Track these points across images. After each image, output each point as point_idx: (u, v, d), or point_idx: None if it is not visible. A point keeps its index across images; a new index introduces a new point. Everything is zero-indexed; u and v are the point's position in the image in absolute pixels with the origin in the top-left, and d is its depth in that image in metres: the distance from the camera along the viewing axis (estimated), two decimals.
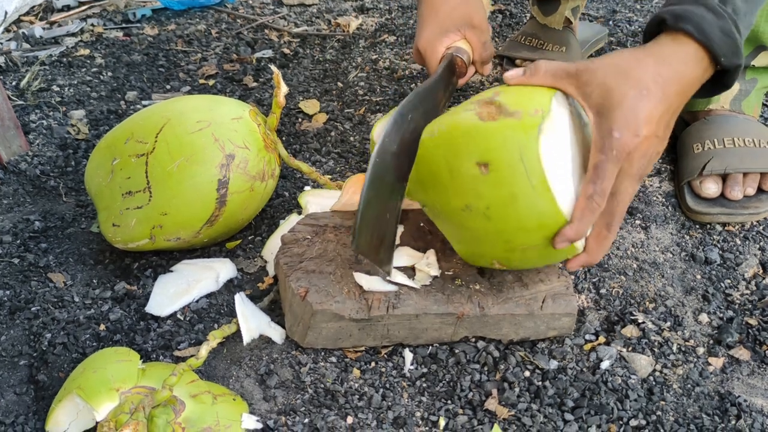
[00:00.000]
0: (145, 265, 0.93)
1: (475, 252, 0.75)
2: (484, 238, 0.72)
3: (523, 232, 0.69)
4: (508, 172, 0.67)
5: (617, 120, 0.68)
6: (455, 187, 0.70)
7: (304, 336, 0.78)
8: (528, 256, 0.73)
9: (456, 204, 0.71)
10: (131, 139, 0.88)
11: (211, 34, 1.57)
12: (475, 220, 0.70)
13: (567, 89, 0.72)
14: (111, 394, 0.70)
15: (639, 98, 0.68)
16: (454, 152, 0.70)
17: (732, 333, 0.82)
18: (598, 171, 0.68)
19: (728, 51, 0.71)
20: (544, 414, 0.73)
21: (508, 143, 0.67)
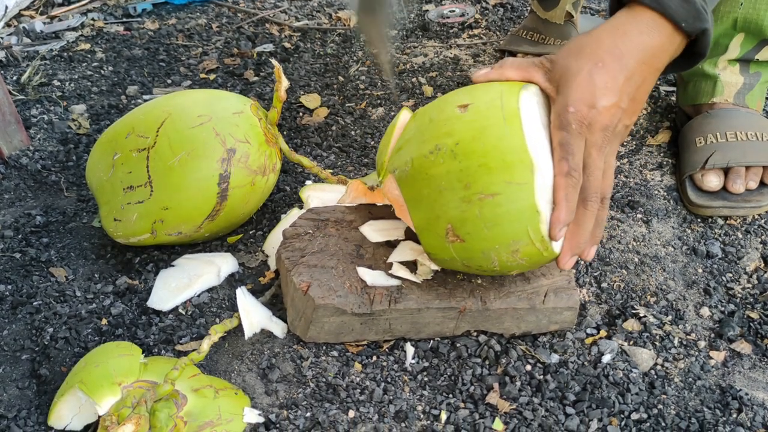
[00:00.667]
0: (146, 259, 0.93)
1: (431, 217, 0.70)
2: (445, 186, 0.68)
3: (484, 170, 0.67)
4: (484, 107, 0.70)
5: (571, 94, 0.68)
6: (431, 130, 0.71)
7: (306, 330, 0.79)
8: (484, 216, 0.67)
9: (425, 149, 0.70)
10: (132, 133, 0.88)
11: (211, 29, 1.56)
12: (440, 163, 0.69)
13: (534, 77, 0.73)
14: (113, 388, 0.70)
15: (594, 71, 0.69)
16: (438, 106, 0.73)
17: (733, 327, 0.82)
18: (565, 147, 0.68)
19: (687, 15, 0.70)
20: (545, 408, 0.73)
21: (492, 90, 0.72)
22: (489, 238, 0.69)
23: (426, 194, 0.70)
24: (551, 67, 0.72)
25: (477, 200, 0.67)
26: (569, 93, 0.69)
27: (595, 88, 0.68)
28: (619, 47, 0.69)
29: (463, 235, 0.69)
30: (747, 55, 1.04)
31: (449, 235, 0.70)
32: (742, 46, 1.03)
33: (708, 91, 1.05)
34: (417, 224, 0.72)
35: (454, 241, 0.70)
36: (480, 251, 0.70)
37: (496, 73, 0.74)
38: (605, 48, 0.70)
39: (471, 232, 0.69)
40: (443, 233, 0.70)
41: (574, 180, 0.68)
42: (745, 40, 1.03)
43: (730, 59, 1.04)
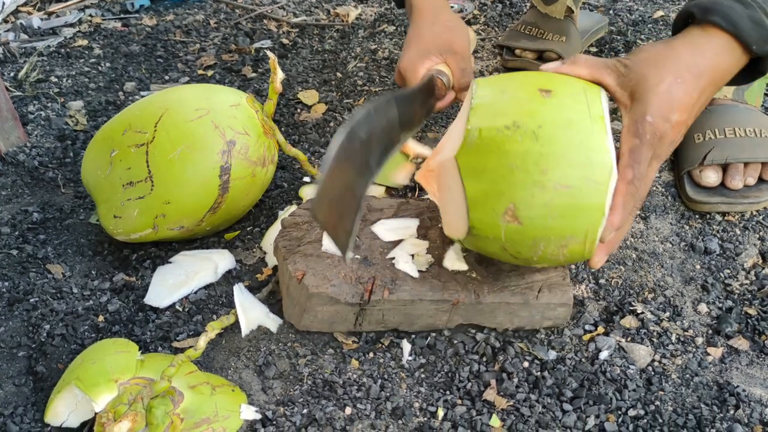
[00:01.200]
0: (143, 256, 0.93)
1: (492, 191, 0.68)
2: (519, 165, 0.66)
3: (565, 162, 0.66)
4: (570, 99, 0.69)
5: (651, 104, 0.69)
6: (507, 104, 0.69)
7: (300, 318, 0.79)
8: (553, 205, 0.66)
9: (500, 122, 0.68)
10: (129, 129, 0.88)
11: (209, 25, 1.56)
12: (517, 141, 0.67)
13: (605, 79, 0.73)
14: (109, 385, 0.70)
15: (674, 85, 0.70)
16: (514, 82, 0.72)
17: (731, 323, 0.82)
18: (634, 155, 0.69)
19: (759, 39, 0.72)
20: (542, 404, 0.73)
21: (572, 83, 0.71)
22: (548, 227, 0.68)
23: (492, 167, 0.67)
24: (625, 72, 0.72)
25: (551, 187, 0.66)
26: (649, 103, 0.69)
27: (673, 102, 0.69)
28: (698, 66, 0.71)
29: (522, 218, 0.68)
30: None
31: (507, 215, 0.68)
32: None
33: None
34: (471, 195, 0.69)
35: (510, 222, 0.68)
36: (532, 238, 0.69)
37: (567, 69, 0.74)
38: (685, 64, 0.71)
39: (533, 217, 0.67)
40: (501, 211, 0.68)
41: (635, 189, 0.69)
42: None
43: None
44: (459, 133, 0.71)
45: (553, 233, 0.68)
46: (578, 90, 0.70)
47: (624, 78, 0.72)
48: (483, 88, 0.72)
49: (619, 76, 0.72)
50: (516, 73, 0.74)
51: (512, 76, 0.73)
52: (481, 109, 0.70)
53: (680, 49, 0.72)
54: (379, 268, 0.79)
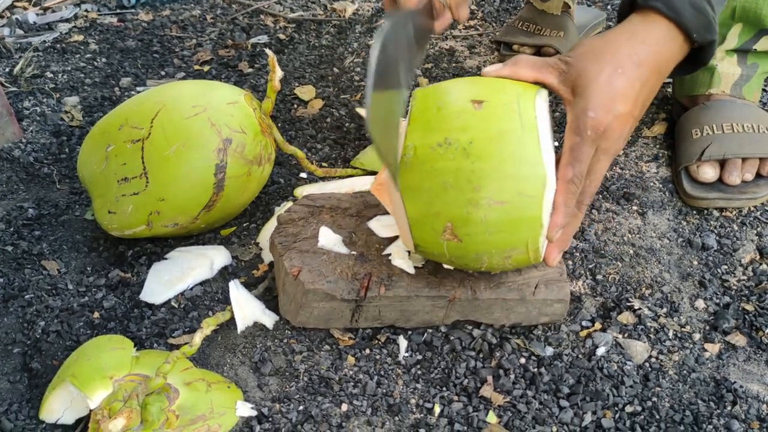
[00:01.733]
0: (139, 252, 0.92)
1: (429, 212, 0.68)
2: (452, 183, 0.66)
3: (498, 175, 0.66)
4: (502, 110, 0.67)
5: (592, 98, 0.68)
6: (439, 120, 0.68)
7: (296, 315, 0.79)
8: (488, 221, 0.67)
9: (433, 139, 0.67)
10: (125, 125, 0.87)
11: (206, 20, 1.55)
12: (449, 158, 0.66)
13: (546, 78, 0.72)
14: (104, 381, 0.70)
15: (614, 76, 0.68)
16: (448, 93, 0.70)
17: (728, 319, 0.82)
18: (574, 153, 0.68)
19: (700, 26, 0.71)
20: (539, 401, 0.73)
21: (507, 89, 0.70)
22: (488, 242, 0.68)
23: (427, 187, 0.67)
24: (566, 69, 0.71)
25: (485, 205, 0.66)
26: (589, 97, 0.68)
27: (615, 93, 0.68)
28: (638, 54, 0.69)
29: (461, 235, 0.68)
30: (745, 46, 1.03)
31: (446, 233, 0.68)
32: (740, 36, 1.02)
33: (705, 82, 1.05)
34: (411, 215, 0.69)
35: (450, 239, 0.69)
36: (474, 253, 0.70)
37: (509, 71, 0.72)
38: (624, 54, 0.69)
39: (471, 234, 0.68)
40: (440, 230, 0.68)
41: (575, 188, 0.68)
42: (744, 31, 1.02)
43: (728, 49, 1.04)
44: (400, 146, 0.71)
45: (493, 247, 0.69)
46: (512, 98, 0.69)
47: (565, 75, 0.70)
48: (420, 101, 0.71)
49: (560, 73, 0.71)
50: (455, 80, 0.73)
51: (450, 86, 0.72)
52: (417, 125, 0.69)
53: (619, 39, 0.71)
54: (375, 264, 0.79)
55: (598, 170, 0.70)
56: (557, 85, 0.71)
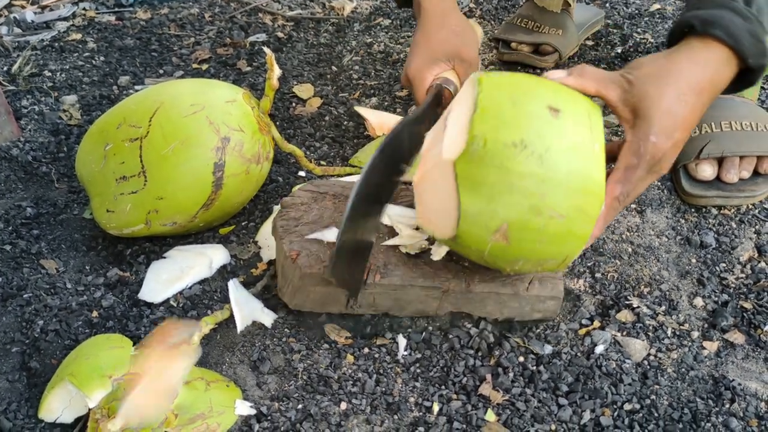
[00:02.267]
0: (138, 251, 0.92)
1: (487, 208, 0.66)
2: (519, 187, 0.65)
3: (563, 190, 0.65)
4: (576, 122, 0.67)
5: (655, 124, 0.69)
6: (514, 117, 0.66)
7: (292, 298, 0.80)
8: (545, 231, 0.66)
9: (507, 136, 0.65)
10: (123, 123, 0.87)
11: (204, 18, 1.55)
12: (522, 161, 0.65)
13: (609, 94, 0.72)
14: (103, 381, 0.70)
15: (677, 103, 0.70)
16: (523, 91, 0.68)
17: (727, 317, 0.82)
18: (628, 174, 0.70)
19: (758, 53, 0.73)
20: (538, 399, 0.73)
21: (579, 101, 0.70)
22: (534, 250, 0.68)
23: (491, 183, 0.65)
24: (629, 88, 0.71)
25: (546, 215, 0.66)
26: (652, 122, 0.69)
27: (677, 121, 0.70)
28: (699, 83, 0.71)
29: (513, 239, 0.67)
30: None
31: (498, 234, 0.67)
32: None
33: None
34: (466, 207, 0.66)
35: (499, 240, 0.67)
36: (515, 256, 0.69)
37: (574, 81, 0.72)
38: (686, 81, 0.71)
39: (523, 240, 0.67)
40: (493, 228, 0.67)
41: (619, 205, 0.70)
42: None
43: None
44: (459, 133, 0.68)
45: (536, 255, 0.69)
46: (583, 111, 0.68)
47: (627, 94, 0.71)
48: (489, 89, 0.68)
49: (623, 92, 0.71)
50: (520, 76, 0.71)
51: (518, 81, 0.70)
52: (487, 116, 0.66)
53: (682, 63, 0.72)
54: (372, 252, 0.79)
55: (640, 189, 0.72)
56: (617, 103, 0.72)
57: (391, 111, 1.20)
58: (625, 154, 0.70)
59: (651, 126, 0.69)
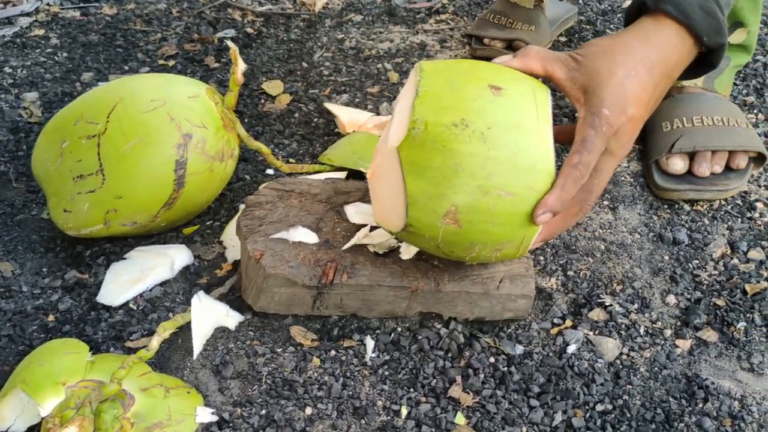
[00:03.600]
0: (97, 252, 0.89)
1: (434, 192, 0.65)
2: (464, 167, 0.63)
3: (511, 167, 0.64)
4: (520, 100, 0.66)
5: (606, 97, 0.67)
6: (454, 99, 0.65)
7: (256, 299, 0.77)
8: (495, 211, 0.65)
9: (447, 118, 0.64)
10: (81, 120, 0.84)
11: (171, 14, 1.51)
12: (464, 141, 0.63)
13: (556, 73, 0.70)
14: (57, 388, 0.67)
15: (627, 78, 0.68)
16: (463, 74, 0.67)
17: (700, 314, 0.81)
18: (585, 143, 0.67)
19: (710, 30, 0.71)
20: (509, 400, 0.71)
21: (523, 81, 0.69)
22: (488, 232, 0.67)
23: (437, 166, 0.64)
24: (576, 66, 0.70)
25: (495, 194, 0.64)
26: (604, 95, 0.67)
27: (628, 96, 0.67)
28: (650, 58, 0.69)
29: (463, 221, 0.66)
30: None
31: (447, 217, 0.65)
32: None
33: None
34: (412, 193, 0.65)
35: (450, 224, 0.66)
36: (469, 241, 0.68)
37: (519, 62, 0.71)
38: (637, 57, 0.69)
39: (474, 222, 0.66)
40: (441, 212, 0.65)
41: (578, 174, 0.66)
42: None
43: None
44: (402, 120, 0.67)
45: (490, 238, 0.67)
46: (527, 89, 0.67)
47: (575, 72, 0.69)
48: (430, 75, 0.67)
49: (569, 70, 0.70)
50: (463, 61, 0.70)
51: (459, 64, 0.69)
52: (428, 100, 0.65)
53: (631, 41, 0.70)
54: (339, 252, 0.77)
55: (605, 170, 0.69)
56: (565, 82, 0.70)
57: (362, 108, 1.18)
58: (581, 127, 0.68)
59: (602, 100, 0.67)
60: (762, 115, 1.14)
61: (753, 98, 1.18)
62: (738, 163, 0.96)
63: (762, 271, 0.86)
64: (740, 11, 0.99)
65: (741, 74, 1.24)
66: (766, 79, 1.23)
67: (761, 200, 0.97)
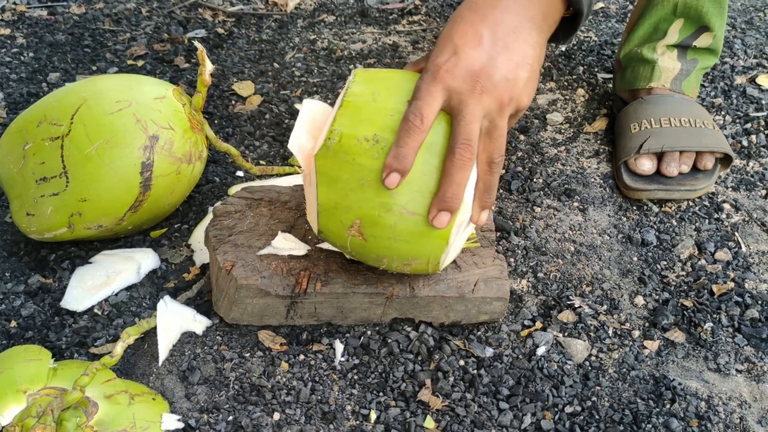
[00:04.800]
0: (62, 256, 0.87)
1: (341, 204, 0.65)
2: (370, 182, 0.64)
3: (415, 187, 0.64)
4: (439, 119, 0.66)
5: (433, 50, 0.67)
6: (372, 111, 0.65)
7: (228, 311, 0.76)
8: (397, 229, 0.65)
9: (361, 131, 0.64)
10: (44, 121, 0.82)
11: (141, 13, 1.49)
12: (373, 156, 0.64)
13: (419, 65, 0.72)
14: (17, 396, 0.66)
15: (452, 25, 0.68)
16: (389, 86, 0.67)
17: (667, 315, 0.81)
18: (414, 93, 0.65)
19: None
20: (478, 403, 0.71)
21: None
22: (391, 248, 0.67)
23: (344, 179, 0.65)
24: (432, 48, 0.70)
25: (397, 212, 0.65)
26: (433, 50, 0.67)
27: (453, 37, 0.66)
28: (476, 2, 0.68)
29: (367, 235, 0.66)
30: (685, 41, 1.03)
31: (353, 229, 0.67)
32: (681, 32, 1.03)
33: (646, 76, 1.05)
34: (322, 202, 0.67)
35: (355, 236, 0.67)
36: (375, 254, 0.68)
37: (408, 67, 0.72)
38: (464, 6, 0.69)
39: (377, 236, 0.66)
40: (347, 224, 0.66)
41: (411, 124, 0.63)
42: (684, 26, 1.02)
43: (668, 44, 1.04)
44: (325, 129, 0.68)
45: (396, 253, 0.68)
46: None
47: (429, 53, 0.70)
48: (358, 84, 0.68)
49: (426, 57, 0.70)
50: (396, 73, 0.70)
51: (390, 76, 0.69)
52: (349, 111, 0.66)
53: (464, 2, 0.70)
54: (312, 260, 0.76)
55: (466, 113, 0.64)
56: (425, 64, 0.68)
57: None
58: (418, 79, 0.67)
59: (431, 53, 0.67)
60: (729, 117, 1.15)
61: (720, 100, 1.19)
62: (705, 164, 0.97)
63: (729, 272, 0.87)
64: (706, 15, 1.00)
65: (708, 76, 1.25)
66: (733, 81, 1.24)
67: (728, 201, 0.98)
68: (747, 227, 0.95)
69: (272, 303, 0.75)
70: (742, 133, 1.12)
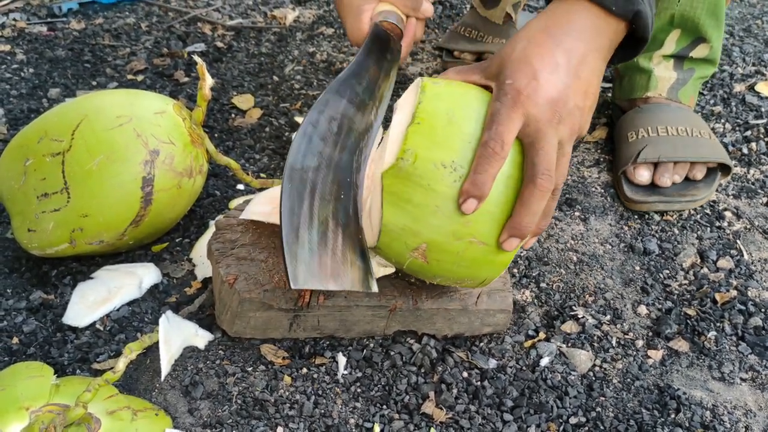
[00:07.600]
0: (64, 272, 0.87)
1: (409, 227, 0.64)
2: (443, 209, 0.63)
3: (489, 218, 0.63)
4: (516, 149, 0.65)
5: (509, 68, 0.66)
6: (449, 135, 0.63)
7: (231, 324, 0.76)
8: (464, 256, 0.65)
9: (438, 156, 0.62)
10: (45, 137, 0.82)
11: (140, 28, 1.50)
12: (450, 184, 0.62)
13: (471, 77, 0.70)
14: (20, 413, 0.65)
15: (528, 46, 0.67)
16: (463, 106, 0.65)
17: (671, 324, 0.81)
18: (493, 117, 0.64)
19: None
20: (482, 415, 0.71)
21: None
22: (452, 271, 0.67)
23: (417, 203, 0.63)
24: (488, 63, 0.70)
25: (467, 240, 0.64)
26: (508, 68, 0.66)
27: (531, 60, 0.65)
28: (550, 27, 0.68)
29: (431, 259, 0.66)
30: (682, 52, 1.04)
31: (417, 252, 0.65)
32: (678, 42, 1.03)
33: (643, 85, 1.05)
34: (387, 222, 0.64)
35: (417, 258, 0.66)
36: (433, 274, 0.68)
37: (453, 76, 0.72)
38: (536, 28, 0.68)
39: (441, 261, 0.66)
40: (412, 246, 0.65)
41: (490, 150, 0.62)
42: (681, 37, 1.03)
43: (665, 54, 1.04)
44: (394, 142, 0.65)
45: (454, 275, 0.68)
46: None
47: (487, 67, 0.69)
48: (430, 100, 0.65)
49: (482, 69, 0.70)
50: (463, 87, 0.68)
51: (460, 92, 0.67)
52: (423, 129, 0.63)
53: (531, 22, 0.70)
54: None
55: (542, 139, 0.64)
56: (482, 80, 0.69)
57: None
58: (491, 103, 0.66)
59: (505, 71, 0.66)
60: (729, 125, 1.16)
61: (720, 108, 1.20)
62: (695, 174, 0.97)
63: (731, 280, 0.87)
64: (702, 27, 1.01)
65: (708, 84, 1.26)
66: (732, 89, 1.25)
67: (729, 209, 0.99)
68: (749, 235, 0.95)
69: (275, 316, 0.74)
70: (742, 140, 1.12)
